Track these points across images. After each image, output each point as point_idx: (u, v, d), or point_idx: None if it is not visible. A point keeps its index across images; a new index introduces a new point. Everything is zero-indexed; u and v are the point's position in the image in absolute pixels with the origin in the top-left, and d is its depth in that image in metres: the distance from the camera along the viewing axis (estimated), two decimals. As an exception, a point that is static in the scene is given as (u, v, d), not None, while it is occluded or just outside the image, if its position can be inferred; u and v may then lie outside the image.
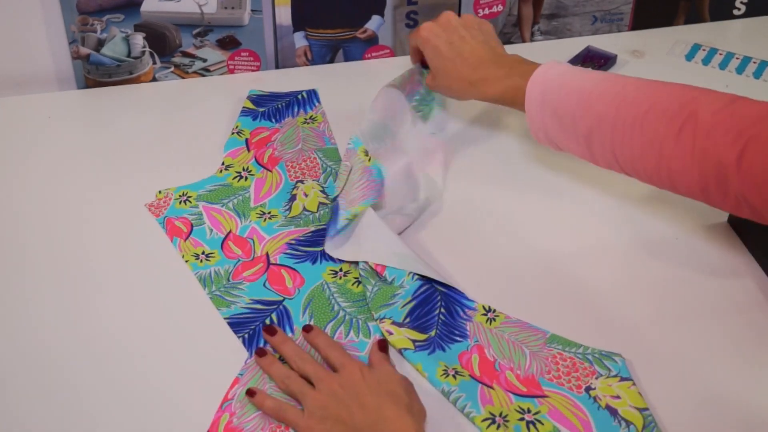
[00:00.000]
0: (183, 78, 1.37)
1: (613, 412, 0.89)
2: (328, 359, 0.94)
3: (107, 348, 0.97)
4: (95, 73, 1.33)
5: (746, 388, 0.93)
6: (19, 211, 1.14)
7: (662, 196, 1.13)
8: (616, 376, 0.92)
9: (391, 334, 0.97)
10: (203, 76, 1.37)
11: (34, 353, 0.96)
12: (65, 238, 1.10)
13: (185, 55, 1.35)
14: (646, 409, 0.89)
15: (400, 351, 0.96)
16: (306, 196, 1.15)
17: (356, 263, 1.05)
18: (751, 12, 1.50)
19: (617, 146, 0.95)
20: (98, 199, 1.16)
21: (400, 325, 0.98)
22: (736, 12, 1.50)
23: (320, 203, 1.14)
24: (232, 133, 1.24)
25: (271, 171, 1.19)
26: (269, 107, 1.29)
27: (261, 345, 0.97)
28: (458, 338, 0.97)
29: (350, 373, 0.90)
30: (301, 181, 1.17)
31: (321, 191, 1.15)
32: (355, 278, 1.04)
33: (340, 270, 1.05)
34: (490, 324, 0.99)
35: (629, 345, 0.97)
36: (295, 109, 1.29)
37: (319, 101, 1.30)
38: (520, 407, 0.90)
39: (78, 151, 1.24)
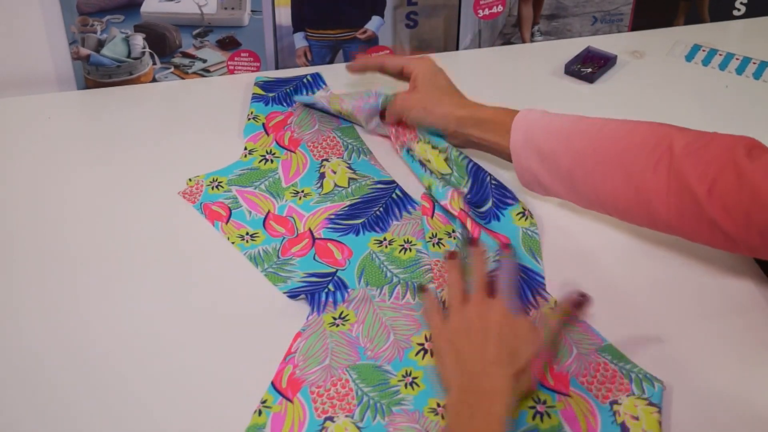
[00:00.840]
0: (183, 78, 1.38)
1: (625, 430, 0.89)
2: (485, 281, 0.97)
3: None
4: (95, 73, 1.34)
5: (745, 388, 0.93)
6: (18, 212, 1.14)
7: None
8: (646, 398, 0.91)
9: None
10: (203, 76, 1.38)
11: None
12: (64, 237, 1.10)
13: (185, 55, 1.36)
14: None
15: None
16: (334, 173, 1.18)
17: (411, 232, 1.10)
18: (751, 12, 1.51)
19: (598, 183, 0.99)
20: (97, 198, 1.16)
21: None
22: (736, 12, 1.50)
23: (350, 179, 1.18)
24: (249, 119, 1.27)
25: (294, 152, 1.22)
26: (278, 92, 1.32)
27: (322, 302, 1.02)
28: None
29: (496, 309, 0.93)
30: (327, 160, 1.21)
31: (348, 167, 1.19)
32: (400, 245, 1.08)
33: (384, 240, 1.09)
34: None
35: (627, 344, 0.97)
36: (303, 93, 1.32)
37: (324, 83, 1.34)
38: (538, 396, 0.92)
39: (78, 152, 1.24)
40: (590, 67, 1.39)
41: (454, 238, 1.08)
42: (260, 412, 0.90)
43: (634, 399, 0.91)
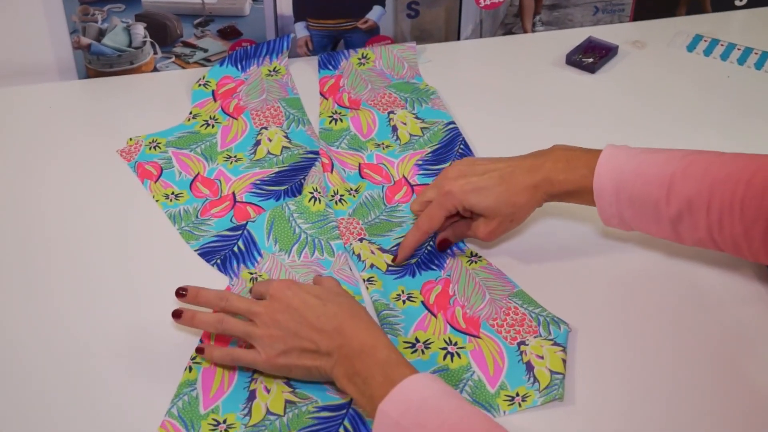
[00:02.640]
0: (184, 68, 1.38)
1: (530, 368, 0.93)
2: (254, 295, 0.95)
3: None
4: (96, 63, 1.34)
5: (748, 379, 0.93)
6: (19, 201, 1.14)
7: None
8: (551, 339, 0.95)
9: (372, 253, 1.05)
10: (204, 66, 1.38)
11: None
12: (66, 226, 1.11)
13: (186, 45, 1.36)
14: (560, 373, 0.92)
15: (371, 265, 1.04)
16: (270, 141, 1.21)
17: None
18: (753, 3, 1.50)
19: (714, 227, 0.92)
20: (99, 188, 1.16)
21: (384, 251, 1.06)
22: (738, 3, 1.50)
23: (283, 147, 1.20)
24: (198, 85, 1.31)
25: (236, 119, 1.25)
26: (238, 51, 1.34)
27: (234, 268, 1.04)
28: (434, 267, 1.04)
29: (280, 293, 0.91)
30: (266, 128, 1.23)
31: (284, 136, 1.22)
32: (310, 193, 1.11)
33: (300, 196, 1.13)
34: (470, 265, 1.05)
35: (629, 336, 0.97)
36: (263, 53, 1.34)
37: (288, 47, 1.36)
38: (450, 339, 0.96)
39: (79, 141, 1.24)
40: (591, 57, 1.39)
41: (354, 196, 1.13)
42: (191, 369, 0.93)
43: (541, 340, 0.95)
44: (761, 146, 1.23)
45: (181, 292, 0.93)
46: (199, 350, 0.93)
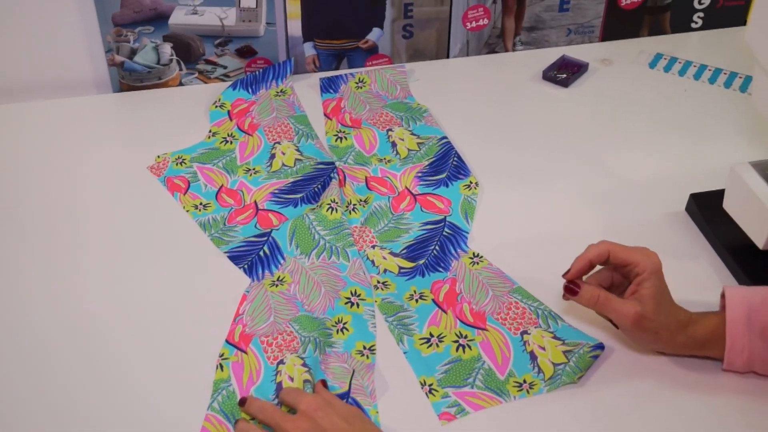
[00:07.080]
0: (206, 83, 1.43)
1: (533, 358, 0.97)
2: (284, 403, 0.92)
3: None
4: (128, 78, 1.39)
5: (706, 368, 0.96)
6: (58, 203, 1.18)
7: (625, 187, 1.21)
8: (551, 332, 1.00)
9: (384, 259, 1.10)
10: (224, 81, 1.43)
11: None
12: (101, 228, 1.15)
13: (208, 62, 1.42)
14: (561, 364, 0.96)
15: (384, 270, 1.09)
16: (284, 154, 1.27)
17: (336, 201, 1.18)
18: (707, 25, 1.57)
19: None
20: (132, 192, 1.21)
21: (395, 255, 1.11)
22: (693, 25, 1.57)
23: (296, 159, 1.26)
24: (215, 107, 1.35)
25: (251, 135, 1.31)
26: (248, 76, 1.40)
27: (260, 274, 1.08)
28: (440, 269, 1.09)
29: (311, 413, 0.87)
30: (278, 143, 1.29)
31: (296, 150, 1.28)
32: (328, 205, 1.16)
33: (318, 206, 1.18)
34: (473, 266, 1.09)
35: (596, 327, 1.01)
36: (269, 77, 1.40)
37: (291, 71, 1.41)
38: (460, 332, 1.01)
39: (114, 148, 1.29)
40: (565, 73, 1.44)
41: (364, 206, 1.17)
42: (222, 367, 0.97)
43: (541, 331, 1.00)
44: (714, 147, 1.28)
45: (241, 403, 0.92)
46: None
